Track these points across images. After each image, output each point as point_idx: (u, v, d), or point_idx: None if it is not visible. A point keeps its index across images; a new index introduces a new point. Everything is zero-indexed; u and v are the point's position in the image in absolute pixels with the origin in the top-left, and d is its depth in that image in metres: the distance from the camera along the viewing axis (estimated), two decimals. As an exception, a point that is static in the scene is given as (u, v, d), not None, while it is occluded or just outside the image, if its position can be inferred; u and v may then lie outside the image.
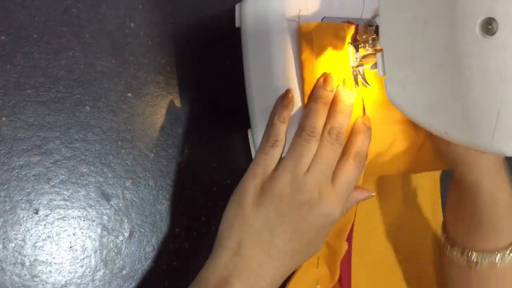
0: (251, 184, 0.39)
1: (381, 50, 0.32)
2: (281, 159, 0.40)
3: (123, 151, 0.46)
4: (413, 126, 0.44)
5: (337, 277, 0.50)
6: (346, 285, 0.49)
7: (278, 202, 0.38)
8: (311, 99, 0.41)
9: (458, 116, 0.29)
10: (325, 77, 0.41)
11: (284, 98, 0.41)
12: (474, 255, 0.44)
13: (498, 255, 0.43)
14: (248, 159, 0.47)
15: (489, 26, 0.26)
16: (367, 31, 0.37)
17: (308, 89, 0.41)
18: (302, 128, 0.40)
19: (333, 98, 0.41)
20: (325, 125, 0.40)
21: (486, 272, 0.44)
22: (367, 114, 0.42)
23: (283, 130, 0.40)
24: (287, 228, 0.38)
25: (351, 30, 0.39)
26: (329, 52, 0.41)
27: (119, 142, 0.46)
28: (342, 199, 0.40)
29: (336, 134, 0.39)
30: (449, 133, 0.30)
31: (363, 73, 0.40)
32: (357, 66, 0.39)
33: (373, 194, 0.43)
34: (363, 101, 0.42)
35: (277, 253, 0.38)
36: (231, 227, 0.39)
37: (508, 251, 0.43)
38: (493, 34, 0.26)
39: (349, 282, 0.50)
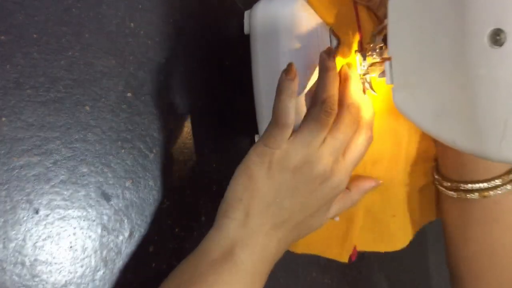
0: (261, 159, 0.38)
1: (389, 58, 0.33)
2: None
3: (123, 151, 0.46)
4: (422, 135, 0.44)
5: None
6: None
7: (292, 176, 0.38)
8: (321, 70, 0.39)
9: (466, 125, 0.29)
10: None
11: (289, 72, 0.38)
12: (466, 186, 0.42)
13: (489, 185, 0.41)
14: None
15: (497, 37, 0.26)
16: (374, 40, 0.37)
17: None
18: (322, 100, 0.38)
19: (343, 77, 0.40)
20: (344, 101, 0.39)
21: (478, 204, 0.42)
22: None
23: (292, 108, 0.38)
24: (296, 200, 0.38)
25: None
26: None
27: (119, 142, 0.46)
28: (350, 171, 0.40)
29: (355, 111, 0.39)
30: (456, 141, 0.30)
31: (370, 81, 0.40)
32: (364, 74, 0.40)
33: (380, 181, 0.43)
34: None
35: (282, 223, 0.38)
36: (240, 200, 0.39)
37: (499, 181, 0.41)
38: (501, 45, 0.26)
39: None
